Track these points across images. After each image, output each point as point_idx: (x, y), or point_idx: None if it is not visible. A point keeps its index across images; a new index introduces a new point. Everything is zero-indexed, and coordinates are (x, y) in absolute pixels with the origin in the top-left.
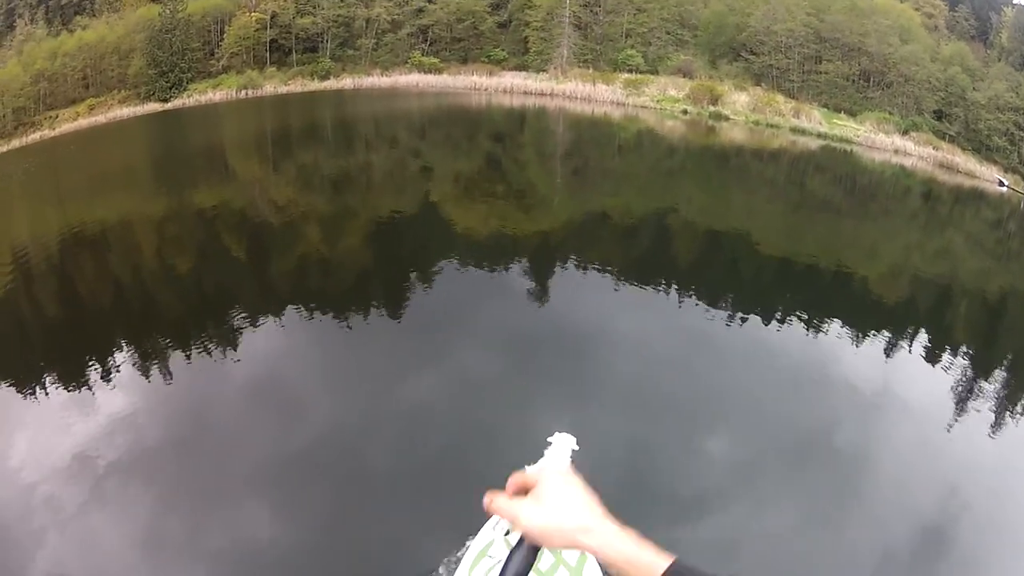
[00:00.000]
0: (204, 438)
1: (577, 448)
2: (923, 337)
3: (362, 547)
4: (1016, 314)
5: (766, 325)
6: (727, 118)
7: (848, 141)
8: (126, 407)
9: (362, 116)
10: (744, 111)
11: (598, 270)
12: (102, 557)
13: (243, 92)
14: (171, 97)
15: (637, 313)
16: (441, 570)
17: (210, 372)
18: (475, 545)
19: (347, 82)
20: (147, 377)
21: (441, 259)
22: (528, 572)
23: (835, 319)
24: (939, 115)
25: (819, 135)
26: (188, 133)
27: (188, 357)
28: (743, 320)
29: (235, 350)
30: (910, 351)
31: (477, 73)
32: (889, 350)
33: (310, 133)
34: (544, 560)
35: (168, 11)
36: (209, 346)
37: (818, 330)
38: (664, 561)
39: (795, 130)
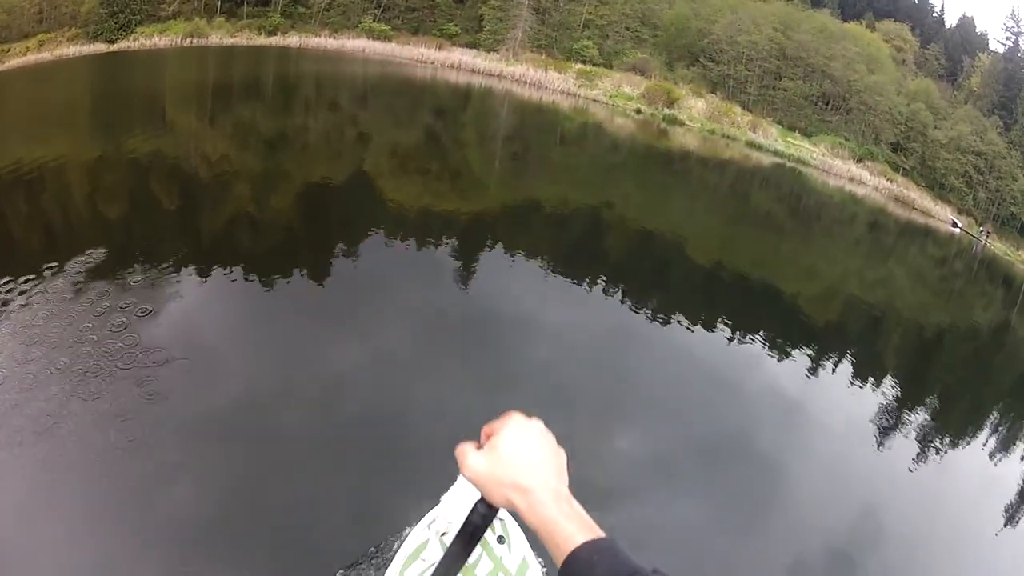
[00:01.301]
0: (122, 402)
1: None
2: (850, 361)
3: (282, 521)
4: (949, 351)
5: (691, 330)
6: (682, 123)
7: (804, 163)
8: (27, 357)
9: (305, 76)
10: (700, 118)
11: (526, 257)
12: (29, 536)
13: (189, 40)
14: (118, 38)
15: (562, 304)
16: (363, 566)
17: (125, 328)
18: (407, 545)
19: (293, 40)
20: (57, 326)
21: (370, 231)
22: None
23: (762, 332)
24: (895, 147)
25: (775, 152)
26: (130, 77)
27: (102, 309)
28: (667, 322)
29: (157, 304)
30: (835, 372)
31: (426, 45)
32: (814, 369)
33: (251, 89)
34: (482, 566)
35: None
36: (126, 301)
37: (743, 340)
38: (581, 536)
39: (751, 144)
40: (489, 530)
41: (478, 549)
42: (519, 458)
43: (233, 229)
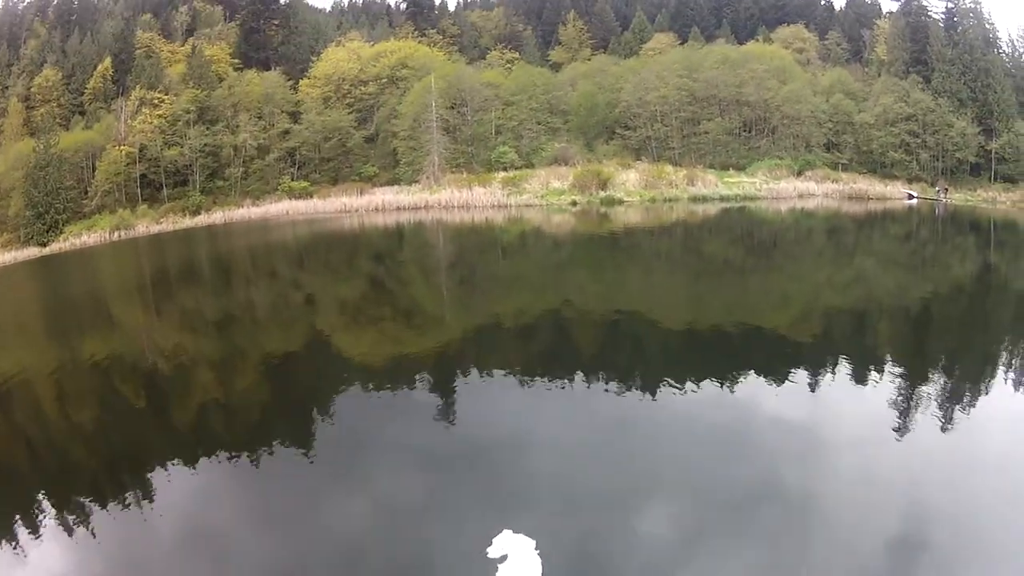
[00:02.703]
0: None
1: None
2: (849, 368)
3: None
4: (943, 317)
5: (683, 395)
6: (620, 201)
7: (752, 198)
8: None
9: (237, 251)
10: (636, 190)
11: (501, 376)
12: None
13: (116, 233)
14: (49, 240)
15: (548, 410)
16: None
17: (128, 529)
18: None
19: (217, 216)
20: (62, 540)
21: (339, 390)
22: None
23: (753, 373)
24: (828, 147)
25: (721, 198)
26: (69, 280)
27: (103, 516)
28: (657, 395)
29: (151, 504)
30: (839, 385)
31: (348, 193)
32: (816, 388)
33: (187, 273)
34: None
35: (42, 146)
36: (124, 503)
37: (737, 387)
38: None
39: (694, 199)
40: None
41: None
42: None
43: (205, 418)
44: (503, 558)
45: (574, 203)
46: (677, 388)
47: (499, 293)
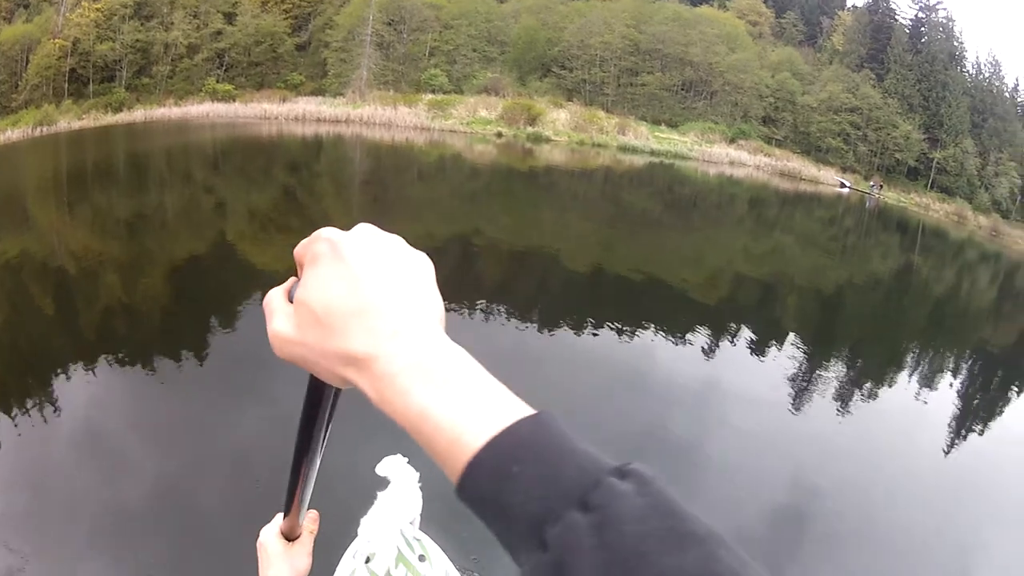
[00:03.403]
0: (37, 509)
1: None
2: (752, 335)
3: None
4: (854, 304)
5: (580, 335)
6: (547, 139)
7: (682, 157)
8: None
9: (155, 151)
10: (566, 130)
11: None
12: None
13: (38, 129)
14: None
15: (447, 335)
16: None
17: (25, 433)
18: None
19: (139, 114)
20: None
21: (242, 299)
22: (328, 406)
23: (654, 326)
24: (765, 120)
25: (651, 152)
26: None
27: (6, 421)
28: (556, 332)
29: (51, 408)
30: (739, 349)
31: (270, 100)
32: (715, 351)
33: (103, 172)
34: (396, 573)
35: None
36: (22, 406)
37: (636, 338)
38: (482, 425)
39: (624, 148)
40: (409, 550)
41: (401, 569)
42: (342, 306)
43: (109, 322)
44: (385, 481)
45: (499, 135)
46: (575, 328)
47: (409, 215)
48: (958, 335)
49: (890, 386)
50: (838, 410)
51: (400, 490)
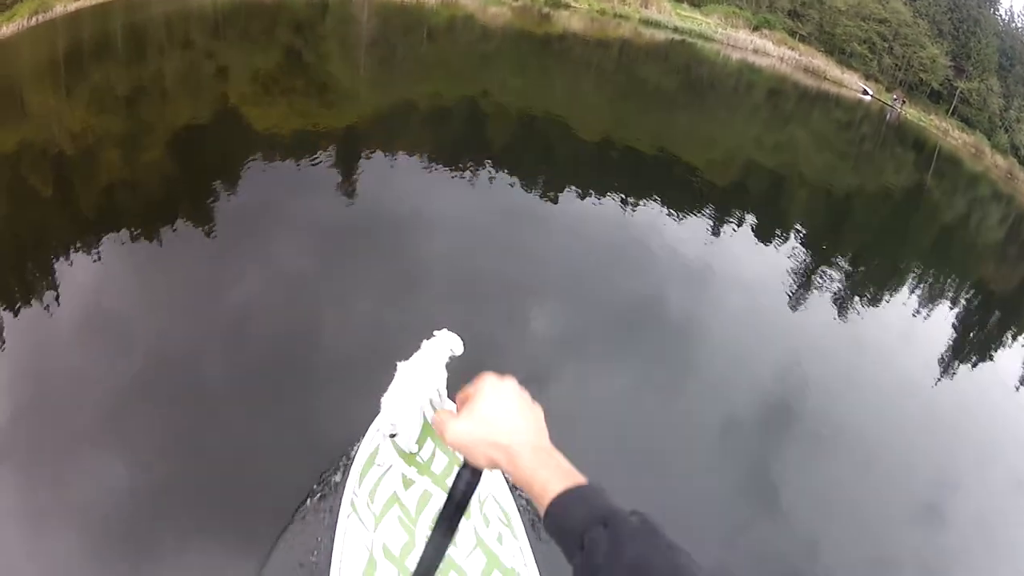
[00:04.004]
0: (42, 386)
1: (460, 353)
2: (757, 222)
3: (230, 471)
4: (862, 211)
5: (587, 205)
6: (567, 5)
7: (707, 37)
8: None
9: (154, 20)
10: None
11: (408, 158)
12: None
13: (35, 18)
14: None
15: (452, 197)
16: (315, 487)
17: (30, 315)
18: (361, 454)
19: None
20: None
21: (246, 163)
22: (472, 492)
23: (661, 201)
24: (791, 14)
25: (674, 29)
26: None
27: (4, 305)
28: (562, 200)
29: (53, 290)
30: (743, 234)
31: None
32: (720, 232)
33: (101, 48)
34: (424, 449)
35: None
36: (27, 290)
37: (642, 211)
38: (559, 484)
39: (645, 22)
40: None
41: (429, 444)
42: (497, 417)
43: (110, 198)
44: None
45: None
46: (580, 196)
47: (417, 76)
48: (961, 266)
49: (889, 300)
50: (835, 312)
51: (422, 361)
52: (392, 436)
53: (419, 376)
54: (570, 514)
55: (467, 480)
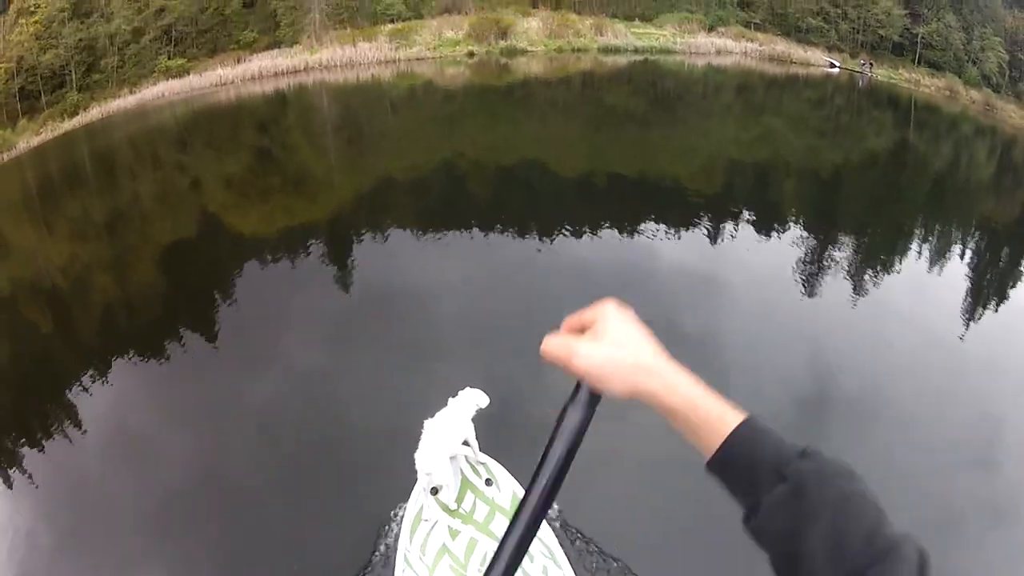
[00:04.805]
0: (78, 517)
1: (485, 405)
2: (752, 220)
3: (281, 563)
4: (852, 183)
5: (581, 239)
6: (523, 51)
7: (667, 51)
8: None
9: (118, 145)
10: (541, 39)
11: (398, 233)
12: None
13: None
14: None
15: (448, 261)
16: (372, 557)
17: (58, 456)
18: (408, 513)
19: (95, 112)
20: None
21: (236, 270)
22: (588, 424)
23: (653, 220)
24: (742, 5)
25: (635, 50)
26: None
27: (30, 450)
28: (555, 240)
29: (74, 425)
30: (741, 235)
31: (223, 64)
32: (718, 238)
33: (72, 179)
34: (478, 511)
35: None
36: (47, 431)
37: (636, 233)
38: (736, 416)
39: (605, 50)
40: (475, 476)
41: (470, 496)
42: (635, 342)
43: (110, 324)
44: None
45: (471, 54)
46: (573, 233)
47: (389, 150)
48: (960, 211)
49: (898, 264)
50: (848, 290)
51: (447, 416)
52: (434, 493)
53: (446, 430)
54: (760, 443)
55: (584, 411)
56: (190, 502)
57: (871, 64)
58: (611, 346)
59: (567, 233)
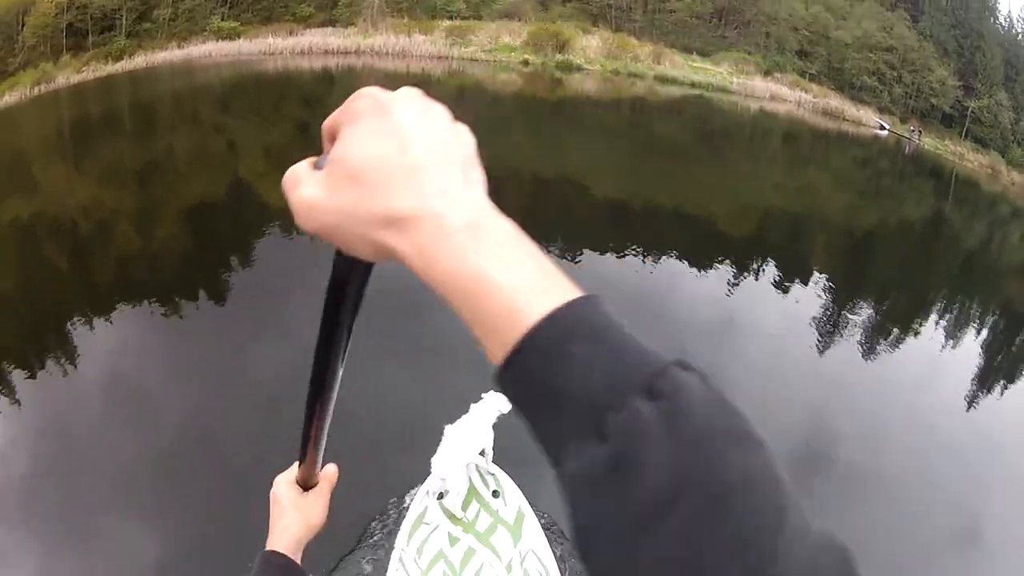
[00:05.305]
0: (67, 460)
1: (508, 411)
2: (781, 270)
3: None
4: (884, 248)
5: (605, 261)
6: (579, 67)
7: (724, 90)
8: None
9: (160, 96)
10: (598, 58)
11: None
12: None
13: (36, 88)
14: None
15: None
16: (373, 538)
17: (51, 391)
18: (410, 514)
19: (140, 60)
20: None
21: (261, 237)
22: (356, 292)
23: (683, 256)
24: (800, 54)
25: (691, 84)
26: None
27: (26, 381)
28: (580, 258)
29: (73, 365)
30: (767, 283)
31: (275, 34)
32: (743, 283)
33: (109, 123)
34: (480, 521)
35: None
36: (46, 365)
37: (661, 265)
38: (538, 297)
39: (661, 79)
40: (483, 485)
41: (474, 506)
42: (386, 162)
43: (126, 272)
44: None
45: (526, 63)
46: (599, 254)
47: None
48: (986, 290)
49: (915, 335)
50: (861, 354)
51: (469, 423)
52: (440, 498)
53: (467, 438)
54: (573, 362)
55: (344, 275)
56: (180, 458)
57: (920, 131)
58: (340, 178)
59: (593, 254)
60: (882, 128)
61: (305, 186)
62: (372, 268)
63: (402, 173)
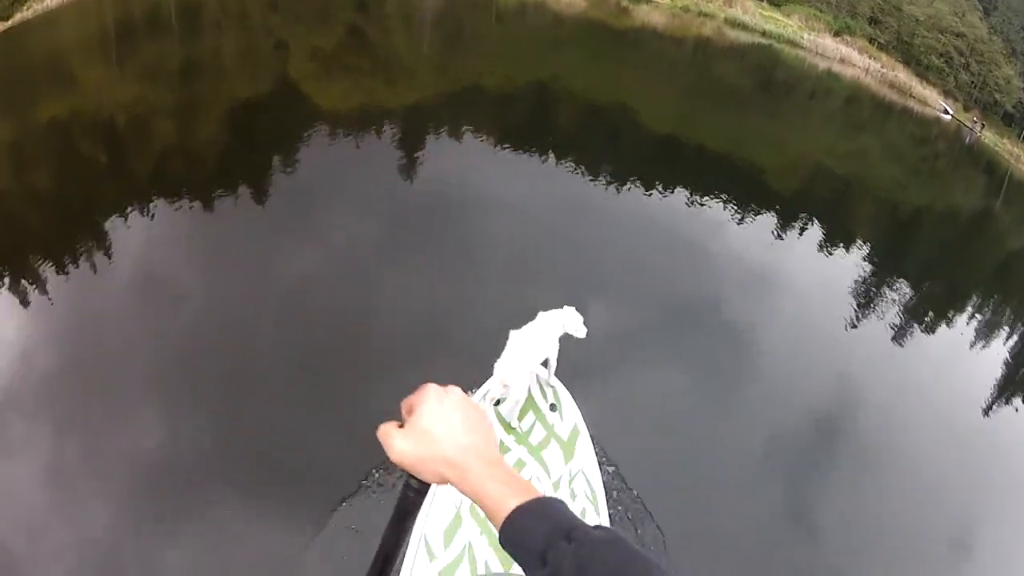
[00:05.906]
0: (95, 353)
1: (581, 336)
2: (821, 230)
3: (297, 436)
4: (927, 230)
5: (649, 198)
6: (648, 0)
7: (793, 43)
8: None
9: None
10: None
11: (473, 139)
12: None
13: None
14: (12, 13)
15: (514, 182)
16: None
17: (84, 281)
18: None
19: None
20: (22, 299)
21: (304, 139)
22: (417, 508)
23: (725, 200)
24: (871, 21)
25: (762, 32)
26: (30, 49)
27: (60, 271)
28: (625, 192)
29: (107, 256)
30: (805, 241)
31: None
32: (782, 237)
33: (153, 21)
34: (535, 434)
35: None
36: (79, 257)
37: (705, 208)
38: (513, 500)
39: (731, 22)
40: (541, 397)
41: (530, 417)
42: (443, 431)
43: (164, 168)
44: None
45: None
46: (644, 189)
47: (484, 57)
48: (1022, 294)
49: (948, 323)
50: (891, 330)
51: (535, 331)
52: (497, 404)
53: (533, 345)
54: (529, 529)
55: (415, 490)
56: (202, 360)
57: (983, 124)
58: (419, 438)
59: (637, 187)
60: (946, 112)
61: (396, 440)
62: (430, 488)
63: (454, 437)
